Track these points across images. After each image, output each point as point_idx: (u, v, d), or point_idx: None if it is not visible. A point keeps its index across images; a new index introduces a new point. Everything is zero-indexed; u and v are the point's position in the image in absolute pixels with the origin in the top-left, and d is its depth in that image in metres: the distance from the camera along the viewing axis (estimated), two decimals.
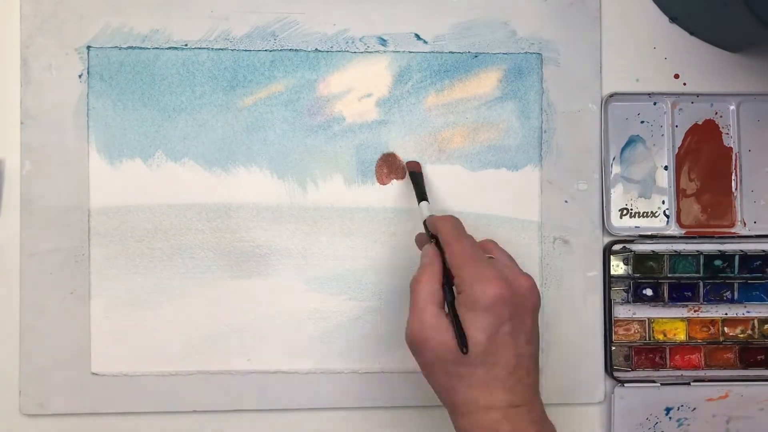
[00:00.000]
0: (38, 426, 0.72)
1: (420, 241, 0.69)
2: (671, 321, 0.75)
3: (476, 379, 0.58)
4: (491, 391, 0.58)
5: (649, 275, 0.74)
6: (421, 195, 0.70)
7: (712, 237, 0.75)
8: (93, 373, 0.71)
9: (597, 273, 0.74)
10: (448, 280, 0.61)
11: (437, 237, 0.64)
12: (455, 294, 0.60)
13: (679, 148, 0.75)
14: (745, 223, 0.75)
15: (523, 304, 0.60)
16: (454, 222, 0.65)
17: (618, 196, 0.75)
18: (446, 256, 0.62)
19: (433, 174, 0.73)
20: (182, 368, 0.72)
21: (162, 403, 0.72)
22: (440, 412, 0.73)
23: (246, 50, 0.73)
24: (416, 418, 0.74)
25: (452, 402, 0.60)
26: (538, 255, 0.74)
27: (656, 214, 0.75)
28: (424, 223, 0.67)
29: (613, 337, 0.74)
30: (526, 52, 0.74)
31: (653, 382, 0.74)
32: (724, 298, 0.75)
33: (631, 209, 0.75)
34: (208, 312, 0.72)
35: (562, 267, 0.74)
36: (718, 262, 0.74)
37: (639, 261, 0.74)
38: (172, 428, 0.72)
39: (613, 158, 0.74)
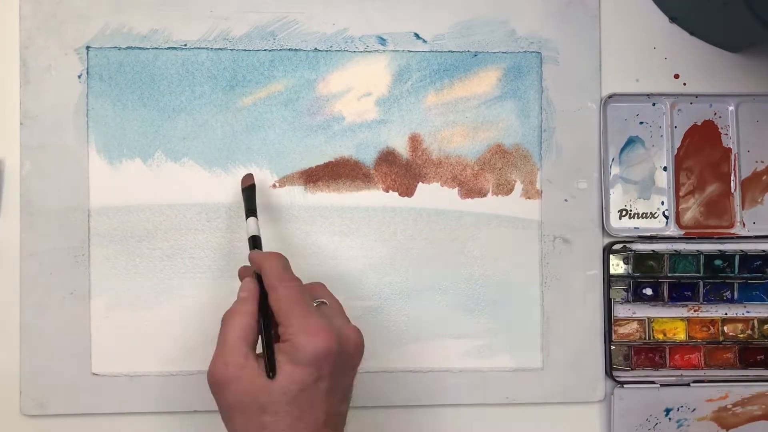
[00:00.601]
0: (38, 426, 0.72)
1: (242, 274, 0.66)
2: (671, 320, 0.75)
3: (278, 431, 0.55)
4: None
5: (649, 275, 0.74)
6: (251, 210, 0.68)
7: (711, 238, 0.75)
8: (93, 373, 0.71)
9: (597, 272, 0.74)
10: (267, 319, 0.58)
11: (259, 273, 0.61)
12: (278, 338, 0.57)
13: (678, 148, 0.75)
14: (744, 224, 0.75)
15: (347, 361, 0.58)
16: (281, 261, 0.62)
17: (617, 197, 0.75)
18: (271, 299, 0.59)
19: (433, 174, 0.74)
20: (182, 368, 0.72)
21: (162, 403, 0.72)
22: (440, 411, 0.74)
23: (245, 50, 0.73)
24: (416, 417, 0.74)
25: None
26: (538, 254, 0.74)
27: (655, 215, 0.75)
28: (250, 240, 0.65)
29: (613, 336, 0.74)
30: (525, 51, 0.74)
31: (653, 383, 0.74)
32: (724, 298, 0.75)
33: (631, 210, 0.75)
34: (208, 312, 0.72)
35: (562, 266, 0.74)
36: (718, 262, 0.74)
37: (639, 260, 0.74)
38: (172, 428, 0.72)
39: (612, 159, 0.74)
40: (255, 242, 0.65)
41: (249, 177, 0.70)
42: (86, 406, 0.72)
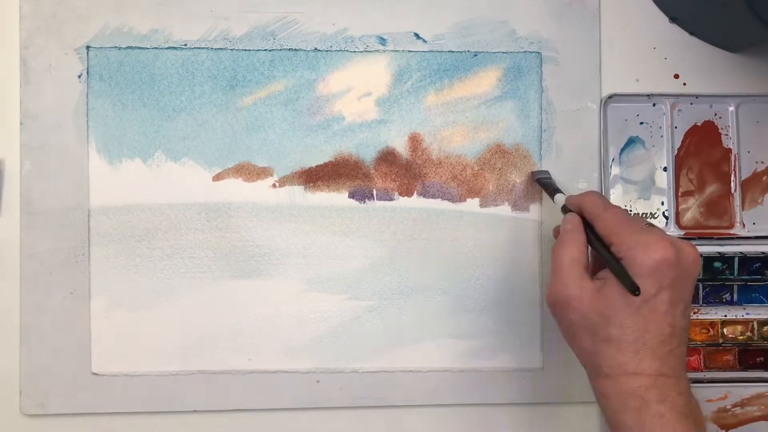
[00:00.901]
0: (38, 426, 0.72)
1: (556, 232, 0.68)
2: None
3: (626, 343, 0.56)
4: (641, 357, 0.56)
5: None
6: (554, 189, 0.70)
7: (711, 238, 0.75)
8: (93, 373, 0.72)
9: None
10: (600, 246, 0.59)
11: (578, 213, 0.63)
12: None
13: (678, 149, 0.75)
14: (744, 225, 0.75)
15: (686, 274, 0.57)
16: (597, 194, 0.63)
17: (617, 198, 0.74)
18: (598, 226, 0.60)
19: (433, 174, 0.73)
20: (182, 368, 0.72)
21: (162, 403, 0.72)
22: (440, 411, 0.74)
23: (245, 50, 0.73)
24: (416, 417, 0.74)
25: (595, 364, 0.58)
26: (538, 254, 0.74)
27: (655, 216, 0.75)
28: (562, 209, 0.66)
29: None
30: (525, 51, 0.74)
31: None
32: (724, 300, 0.75)
33: (631, 210, 0.74)
34: (208, 312, 0.72)
35: None
36: (717, 264, 0.74)
37: None
38: (172, 428, 0.73)
39: (613, 159, 0.74)
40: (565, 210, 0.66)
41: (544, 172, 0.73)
42: (86, 406, 0.72)
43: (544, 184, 0.71)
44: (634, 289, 0.55)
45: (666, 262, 0.55)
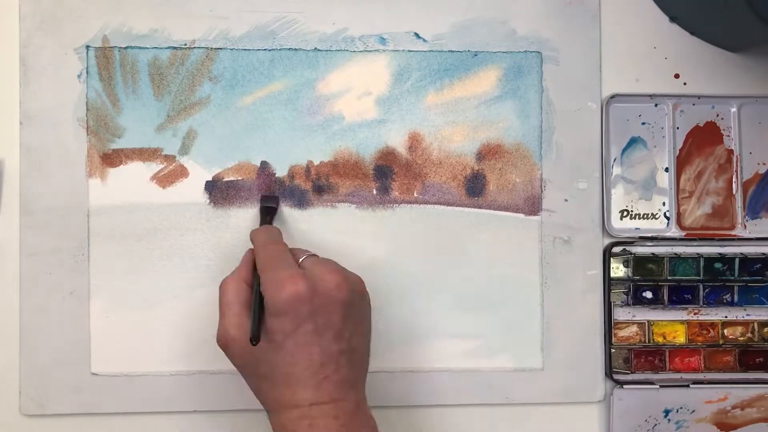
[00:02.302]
0: (38, 426, 0.72)
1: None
2: (671, 324, 0.75)
3: (277, 378, 0.58)
4: (293, 390, 0.58)
5: (648, 278, 0.74)
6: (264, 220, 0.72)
7: (713, 239, 0.75)
8: (93, 373, 0.72)
9: (597, 272, 0.74)
10: (255, 285, 0.61)
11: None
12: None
13: (680, 149, 0.75)
14: (745, 226, 0.75)
15: (327, 302, 0.59)
16: (270, 231, 0.66)
17: (618, 198, 0.74)
18: (257, 263, 0.62)
19: (433, 173, 0.73)
20: (182, 368, 0.72)
21: (162, 403, 0.72)
22: (440, 411, 0.74)
23: (245, 49, 0.73)
24: (417, 417, 0.74)
25: (263, 401, 0.61)
26: (538, 254, 0.74)
27: (656, 216, 0.74)
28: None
29: (613, 339, 0.74)
30: (525, 51, 0.74)
31: (652, 383, 0.74)
32: (724, 301, 0.75)
33: (632, 211, 0.74)
34: (208, 312, 0.72)
35: (562, 266, 0.74)
36: (718, 265, 0.74)
37: (639, 263, 0.74)
38: (172, 428, 0.73)
39: (614, 159, 0.74)
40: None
41: (273, 199, 0.73)
42: (86, 406, 0.72)
43: (262, 210, 0.72)
44: (251, 338, 0.58)
45: (298, 298, 0.57)
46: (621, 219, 0.74)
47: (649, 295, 0.74)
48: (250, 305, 0.61)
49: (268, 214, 0.71)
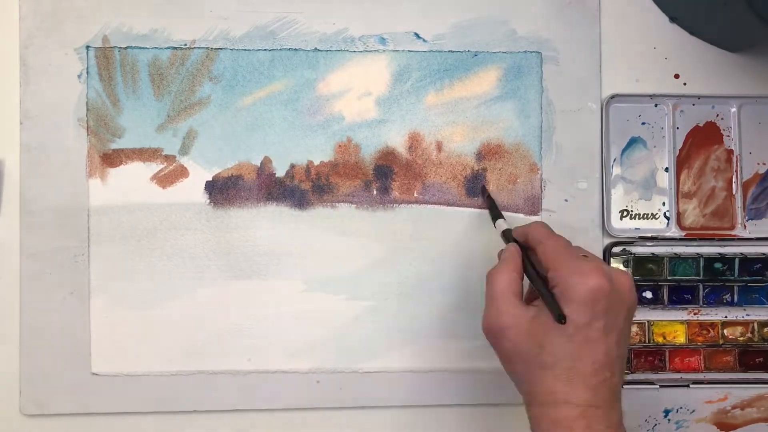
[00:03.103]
0: (38, 426, 0.72)
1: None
2: (671, 324, 0.75)
3: (558, 370, 0.57)
4: (573, 386, 0.56)
5: (648, 278, 0.74)
6: (496, 215, 0.71)
7: (713, 239, 0.75)
8: (93, 373, 0.72)
9: None
10: (536, 273, 0.61)
11: (522, 242, 0.64)
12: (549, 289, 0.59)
13: (679, 149, 0.75)
14: (745, 226, 0.75)
15: (620, 302, 0.58)
16: (544, 224, 0.64)
17: (618, 198, 0.74)
18: (539, 252, 0.61)
19: (433, 174, 0.73)
20: (182, 368, 0.72)
21: (162, 403, 0.72)
22: (440, 411, 0.74)
23: (245, 50, 0.73)
24: (417, 417, 0.74)
25: (530, 391, 0.58)
26: None
27: (656, 216, 0.75)
28: (502, 234, 0.68)
29: None
30: (525, 51, 0.74)
31: (652, 383, 0.74)
32: (724, 301, 0.75)
33: (632, 211, 0.74)
34: (208, 312, 0.72)
35: None
36: (718, 265, 0.74)
37: (639, 263, 0.74)
38: (172, 428, 0.73)
39: (614, 159, 0.74)
40: (507, 235, 0.67)
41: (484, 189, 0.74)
42: (86, 406, 0.72)
43: (490, 206, 0.72)
44: (560, 318, 0.56)
45: (600, 291, 0.56)
46: (621, 219, 0.74)
47: (649, 295, 0.74)
48: (522, 296, 0.60)
49: (494, 207, 0.72)
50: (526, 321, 0.58)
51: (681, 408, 0.74)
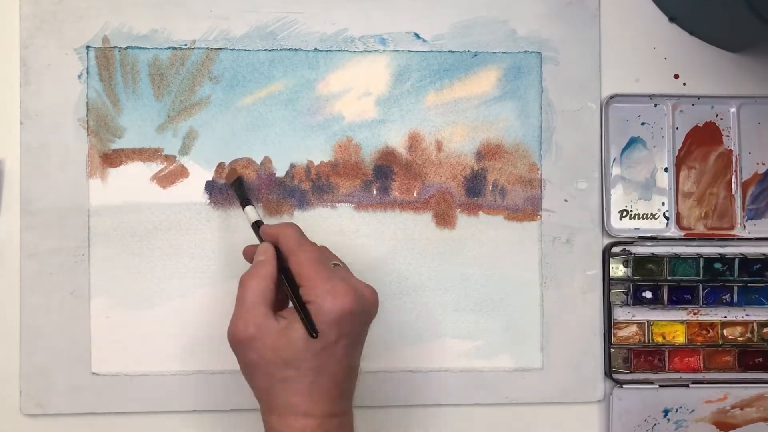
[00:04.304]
0: (38, 426, 0.72)
1: (248, 253, 0.67)
2: (670, 324, 0.75)
3: (300, 385, 0.58)
4: (313, 399, 0.58)
5: (648, 278, 0.74)
6: (245, 199, 0.70)
7: (712, 239, 0.75)
8: (93, 373, 0.72)
9: (597, 272, 0.74)
10: (290, 282, 0.60)
11: (274, 243, 0.63)
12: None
13: (679, 149, 0.75)
14: (745, 226, 0.75)
15: (365, 318, 0.60)
16: (296, 228, 0.63)
17: (618, 198, 0.75)
18: (291, 263, 0.61)
19: (433, 174, 0.73)
20: (182, 368, 0.72)
21: (162, 403, 0.72)
22: (440, 411, 0.74)
23: (245, 50, 0.73)
24: (416, 417, 0.74)
25: (269, 401, 0.59)
26: (538, 254, 0.74)
27: (656, 216, 0.75)
28: (253, 226, 0.67)
29: (612, 339, 0.74)
30: (525, 51, 0.74)
31: (652, 383, 0.74)
32: (724, 301, 0.75)
33: (631, 211, 0.74)
34: (208, 312, 0.72)
35: (562, 266, 0.74)
36: (717, 265, 0.74)
37: (639, 263, 0.74)
38: (172, 428, 0.73)
39: (614, 159, 0.74)
40: (258, 227, 0.66)
41: (233, 172, 0.72)
42: (86, 406, 0.72)
43: (237, 191, 0.71)
44: (312, 333, 0.57)
45: (349, 312, 0.57)
46: (620, 219, 0.75)
47: (648, 295, 0.74)
48: (273, 305, 0.60)
49: (240, 189, 0.71)
50: (274, 334, 0.58)
51: (680, 408, 0.74)
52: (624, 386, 0.74)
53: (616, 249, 0.74)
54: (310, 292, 0.58)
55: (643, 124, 0.74)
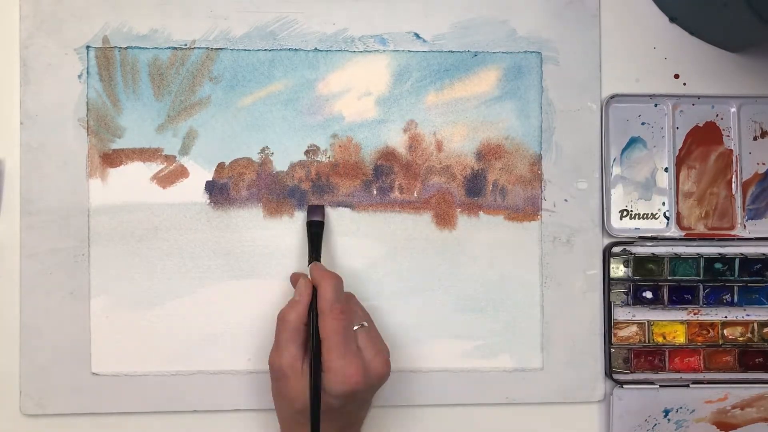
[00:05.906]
0: (38, 426, 0.72)
1: (294, 279, 0.71)
2: (671, 324, 0.75)
3: (308, 429, 0.62)
4: None
5: (648, 278, 0.74)
6: (316, 254, 0.71)
7: (713, 239, 0.75)
8: (93, 373, 0.72)
9: (597, 272, 0.74)
10: (312, 340, 0.64)
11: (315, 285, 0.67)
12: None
13: (679, 149, 0.75)
14: (745, 226, 0.75)
15: (372, 390, 0.66)
16: (334, 285, 0.65)
17: (618, 198, 0.74)
18: (320, 322, 0.64)
19: (433, 173, 0.73)
20: (182, 368, 0.72)
21: (162, 403, 0.72)
22: (440, 411, 0.74)
23: (245, 50, 0.73)
24: (417, 417, 0.74)
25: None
26: (538, 254, 0.74)
27: (656, 216, 0.75)
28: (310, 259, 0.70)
29: (613, 339, 0.74)
30: (525, 51, 0.74)
31: (652, 383, 0.74)
32: (724, 301, 0.75)
33: (631, 211, 0.74)
34: (208, 312, 0.72)
35: (562, 266, 0.74)
36: (718, 265, 0.74)
37: (639, 263, 0.74)
38: (172, 428, 0.73)
39: (614, 159, 0.74)
40: (311, 259, 0.70)
41: (321, 210, 0.73)
42: (86, 406, 0.72)
43: (311, 238, 0.72)
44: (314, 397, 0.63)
45: (354, 391, 0.62)
46: (621, 219, 0.74)
47: (649, 295, 0.74)
48: (306, 344, 0.65)
49: (317, 228, 0.72)
50: (297, 379, 0.63)
51: (681, 408, 0.74)
52: (624, 386, 0.74)
53: (616, 249, 0.74)
54: (327, 360, 0.62)
55: (643, 124, 0.74)
